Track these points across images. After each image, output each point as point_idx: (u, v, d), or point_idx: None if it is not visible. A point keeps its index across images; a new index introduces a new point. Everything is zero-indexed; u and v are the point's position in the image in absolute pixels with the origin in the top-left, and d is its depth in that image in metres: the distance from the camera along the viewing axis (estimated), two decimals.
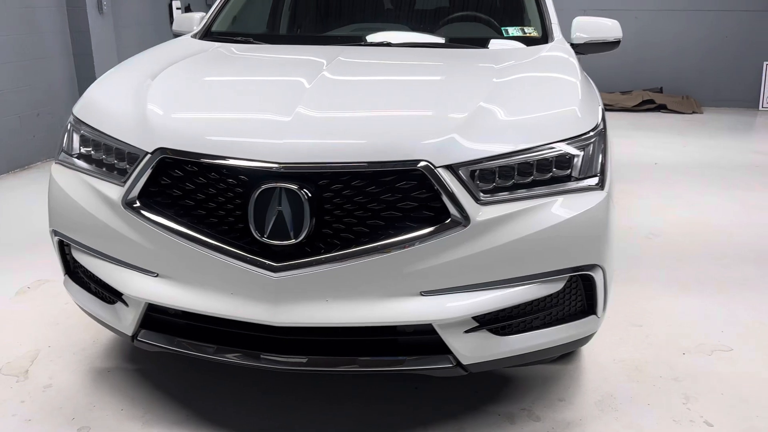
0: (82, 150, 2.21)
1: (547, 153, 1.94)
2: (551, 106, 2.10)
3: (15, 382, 2.47)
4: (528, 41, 2.85)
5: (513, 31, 2.91)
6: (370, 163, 1.83)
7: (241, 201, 1.87)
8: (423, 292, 1.87)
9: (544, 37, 2.88)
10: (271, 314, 1.86)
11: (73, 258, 2.28)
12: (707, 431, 2.23)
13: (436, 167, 1.83)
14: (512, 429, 2.22)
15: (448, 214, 1.83)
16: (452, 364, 1.93)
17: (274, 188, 1.81)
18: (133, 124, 2.08)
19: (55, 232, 2.27)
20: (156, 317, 2.05)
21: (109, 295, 2.16)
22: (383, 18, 3.38)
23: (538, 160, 1.93)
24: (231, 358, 1.98)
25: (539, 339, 2.01)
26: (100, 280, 2.15)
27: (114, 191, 2.04)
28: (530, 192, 1.91)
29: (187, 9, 8.27)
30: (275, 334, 1.93)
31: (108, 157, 2.12)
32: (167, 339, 2.05)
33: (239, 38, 2.98)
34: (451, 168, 1.84)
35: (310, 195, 1.81)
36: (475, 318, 1.90)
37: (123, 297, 2.08)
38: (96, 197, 2.08)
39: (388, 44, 2.86)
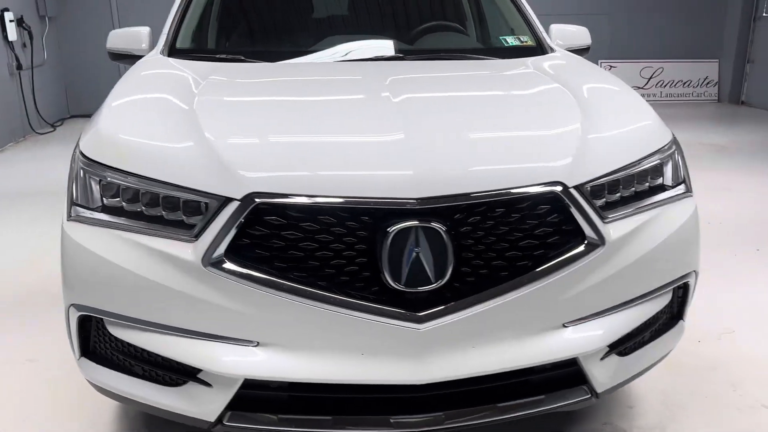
0: (108, 201, 1.78)
1: (647, 165, 1.91)
2: (635, 119, 2.07)
3: None
4: (529, 51, 2.81)
5: (512, 40, 2.85)
6: (509, 190, 1.67)
7: (366, 245, 1.60)
8: (566, 323, 1.74)
9: (540, 46, 2.85)
10: (415, 372, 1.63)
11: (104, 334, 1.83)
12: None
13: (569, 188, 1.71)
14: None
15: (582, 236, 1.72)
16: (588, 394, 1.82)
17: (410, 227, 1.58)
18: (198, 165, 1.71)
19: (76, 307, 1.80)
20: (248, 394, 1.70)
21: (173, 375, 1.76)
22: (349, 29, 3.16)
23: (639, 173, 1.89)
24: (354, 429, 1.70)
25: (652, 353, 1.98)
26: (161, 358, 1.75)
27: (181, 248, 1.66)
28: (640, 205, 1.87)
29: (20, 21, 7.33)
30: (405, 393, 1.69)
31: (150, 207, 1.73)
32: (266, 419, 1.71)
33: (224, 56, 2.62)
34: (580, 188, 1.74)
35: (452, 232, 1.60)
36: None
37: (200, 376, 1.70)
38: (151, 258, 1.68)
39: (402, 57, 2.67)
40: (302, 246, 1.62)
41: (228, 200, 1.64)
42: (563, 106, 2.06)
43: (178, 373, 1.76)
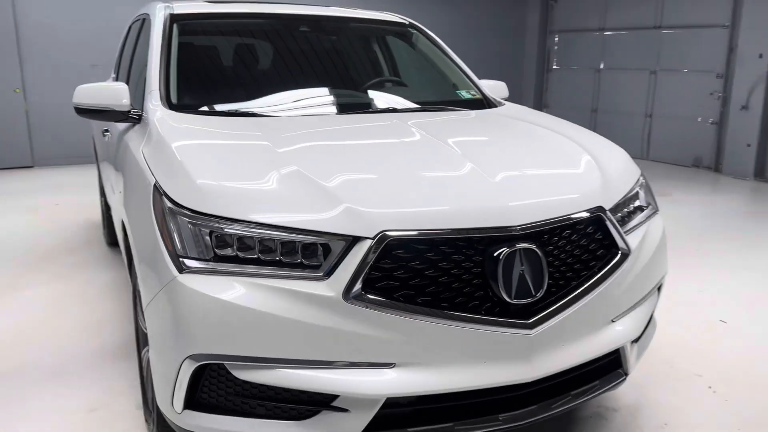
0: (222, 250, 1.88)
1: (635, 191, 2.45)
2: (617, 156, 2.59)
3: None
4: (480, 102, 3.30)
5: (465, 93, 3.32)
6: (573, 215, 2.08)
7: (480, 268, 1.91)
8: (613, 319, 2.19)
9: (486, 99, 3.35)
10: (527, 371, 1.95)
11: (224, 381, 1.90)
12: None
13: (606, 211, 2.17)
14: None
15: (617, 248, 2.18)
16: (623, 376, 2.27)
17: (515, 250, 1.92)
18: (322, 209, 1.89)
19: (194, 358, 1.86)
20: (382, 413, 1.89)
21: (303, 408, 1.89)
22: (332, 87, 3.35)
23: (631, 197, 2.42)
24: (471, 428, 1.96)
25: (647, 340, 2.49)
26: (290, 394, 1.87)
27: (314, 286, 1.83)
28: (636, 223, 2.38)
29: None
30: (513, 392, 2.00)
31: (267, 252, 1.87)
32: None
33: (237, 111, 2.76)
34: (611, 210, 2.21)
35: (545, 251, 1.97)
36: None
37: (335, 403, 1.86)
38: (283, 298, 1.82)
39: (394, 110, 2.99)
40: (426, 273, 1.87)
41: (356, 239, 1.84)
42: (568, 146, 2.54)
43: (309, 404, 1.88)
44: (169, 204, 1.97)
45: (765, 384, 2.97)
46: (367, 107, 3.08)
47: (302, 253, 1.86)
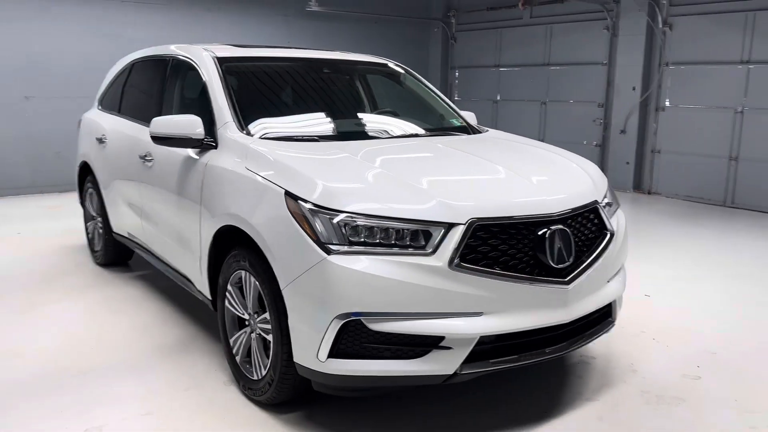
0: (355, 237, 2.58)
1: (607, 191, 3.40)
2: (592, 166, 3.54)
3: None
4: (465, 129, 4.17)
5: (455, 121, 4.19)
6: (584, 205, 2.98)
7: (533, 243, 2.74)
8: (608, 280, 3.10)
9: (470, 126, 4.24)
10: (565, 315, 2.79)
11: (361, 333, 2.58)
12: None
13: (599, 203, 3.10)
14: (655, 407, 3.54)
15: (606, 229, 3.10)
16: (612, 324, 3.18)
17: (555, 230, 2.77)
18: (423, 204, 2.63)
19: (341, 317, 2.53)
20: (474, 350, 2.65)
21: (418, 349, 2.61)
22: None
23: (606, 195, 3.36)
24: (529, 358, 2.77)
25: (622, 299, 3.43)
26: (410, 339, 2.59)
27: (426, 260, 2.57)
28: (611, 213, 3.33)
29: None
30: (551, 333, 2.83)
31: (387, 237, 2.59)
32: (484, 364, 2.68)
33: (301, 137, 3.42)
34: (601, 202, 3.13)
35: (571, 231, 2.85)
36: None
37: (442, 344, 2.60)
38: (405, 269, 2.55)
39: (416, 135, 3.79)
40: (499, 248, 2.67)
41: (452, 225, 2.61)
42: (559, 158, 3.46)
43: (423, 346, 2.60)
44: (308, 205, 2.63)
45: (689, 333, 4.02)
46: (392, 133, 3.83)
47: (410, 237, 2.60)
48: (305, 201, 2.65)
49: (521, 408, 3.07)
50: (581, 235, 2.92)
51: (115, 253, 5.24)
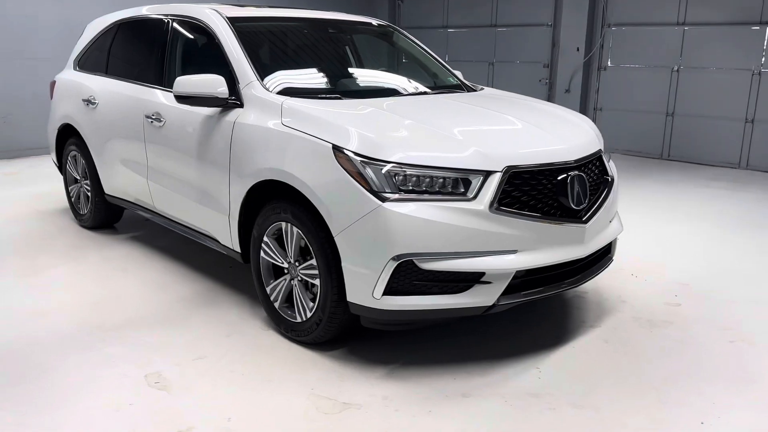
0: (404, 186, 2.85)
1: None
2: (587, 120, 3.89)
3: None
4: (463, 86, 4.46)
5: (451, 80, 4.46)
6: (593, 154, 3.35)
7: (555, 187, 3.08)
8: (610, 220, 3.50)
9: (465, 84, 4.53)
10: (583, 251, 3.16)
11: (413, 271, 2.87)
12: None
13: (602, 151, 3.48)
14: (649, 330, 3.98)
15: (608, 175, 3.49)
16: (611, 259, 3.60)
17: (574, 175, 3.13)
18: (467, 155, 2.92)
19: (396, 258, 2.81)
20: (509, 284, 2.99)
21: (462, 284, 2.93)
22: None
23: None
24: (552, 290, 3.15)
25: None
26: (456, 273, 2.89)
27: (468, 204, 2.87)
28: (606, 161, 3.72)
29: None
30: (568, 267, 3.21)
31: (431, 184, 2.87)
32: (517, 296, 3.03)
33: (328, 96, 3.61)
34: (602, 151, 3.52)
35: (586, 175, 3.21)
36: None
37: (483, 279, 2.93)
38: (451, 213, 2.84)
39: (424, 93, 4.03)
40: (528, 192, 3.00)
41: (489, 173, 2.91)
42: (561, 112, 3.80)
43: (466, 281, 2.92)
44: (358, 158, 2.87)
45: (660, 268, 4.52)
46: (403, 90, 4.05)
47: (452, 184, 2.89)
48: (355, 153, 2.88)
49: (537, 335, 3.46)
50: (590, 180, 3.28)
51: (104, 216, 5.27)
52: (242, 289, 4.05)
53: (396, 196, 2.81)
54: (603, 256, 3.53)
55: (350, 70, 4.26)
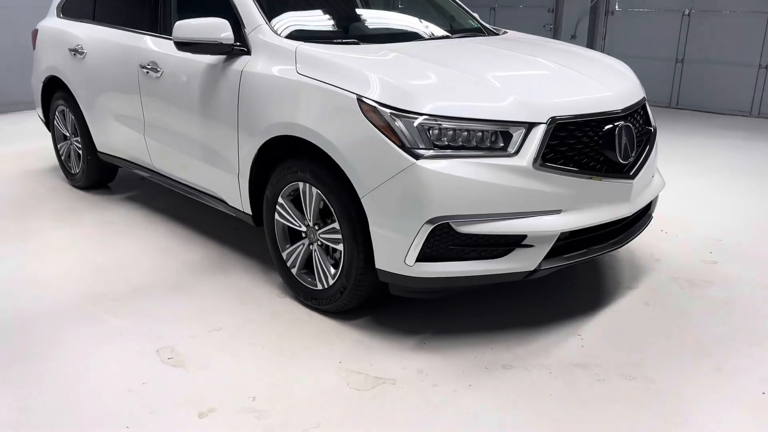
0: (439, 141, 2.57)
1: None
2: (626, 66, 3.57)
3: None
4: (487, 31, 4.12)
5: (472, 23, 4.12)
6: (638, 102, 3.07)
7: (602, 140, 2.81)
8: (653, 175, 3.24)
9: (486, 28, 4.19)
10: (629, 208, 2.91)
11: (449, 236, 2.61)
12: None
13: (645, 99, 3.20)
14: (689, 290, 3.76)
15: (651, 125, 3.22)
16: (651, 217, 3.35)
17: (621, 126, 2.85)
18: (507, 104, 2.63)
19: (431, 222, 2.55)
20: (552, 246, 2.75)
21: (502, 248, 2.68)
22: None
23: None
24: (596, 252, 2.90)
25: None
26: (496, 237, 2.64)
27: (510, 161, 2.60)
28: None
29: None
30: (613, 227, 2.97)
31: (468, 138, 2.59)
32: (559, 259, 2.79)
33: (340, 41, 3.27)
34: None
35: (633, 126, 2.94)
36: None
37: (525, 242, 2.68)
38: (491, 170, 2.57)
39: (446, 37, 3.70)
40: (575, 146, 2.73)
41: (532, 125, 2.63)
42: (599, 57, 3.49)
43: (506, 245, 2.67)
44: (387, 110, 2.57)
45: (690, 224, 4.29)
46: (424, 34, 3.71)
47: (491, 138, 2.60)
48: (383, 105, 2.58)
49: (573, 299, 3.24)
50: (638, 130, 3.01)
51: (97, 176, 4.96)
52: (252, 252, 3.79)
53: (430, 152, 2.53)
54: (643, 214, 3.28)
55: (365, 12, 3.91)
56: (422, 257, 2.62)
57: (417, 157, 2.52)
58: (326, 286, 3.00)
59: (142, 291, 3.34)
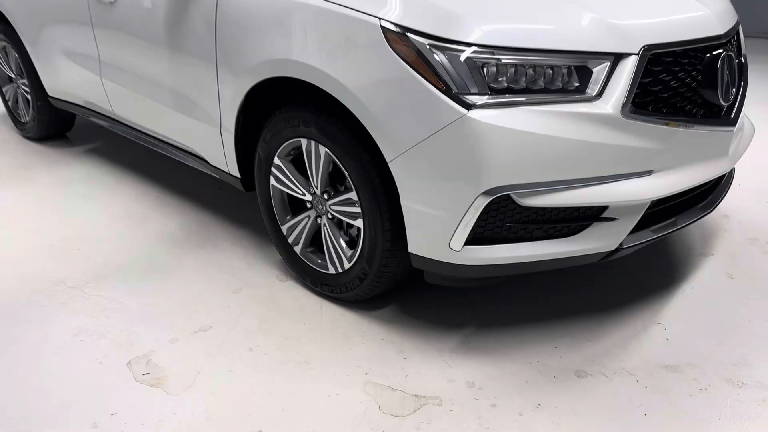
0: (496, 83, 1.88)
1: None
2: None
3: None
4: None
5: None
6: (736, 24, 2.39)
7: (700, 75, 2.13)
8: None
9: None
10: (727, 164, 2.28)
11: (509, 211, 1.97)
12: None
13: (739, 24, 2.50)
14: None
15: (741, 54, 2.52)
16: (734, 171, 2.69)
17: (723, 56, 2.15)
18: (586, 28, 1.93)
19: (489, 193, 1.89)
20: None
21: (575, 223, 2.04)
22: None
23: None
24: (685, 220, 2.28)
25: None
26: (569, 210, 2.01)
27: (592, 107, 1.92)
28: None
29: None
30: (702, 189, 2.33)
31: (535, 78, 1.91)
32: (644, 234, 2.16)
33: None
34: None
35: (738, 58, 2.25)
36: None
37: (605, 214, 2.04)
38: (570, 122, 1.90)
39: None
40: (671, 85, 2.05)
41: (619, 57, 1.94)
42: None
43: (581, 220, 2.03)
44: (424, 40, 1.86)
45: (759, 173, 3.64)
46: None
47: (565, 76, 1.92)
48: (417, 33, 1.87)
49: (643, 274, 2.65)
50: (735, 60, 2.33)
51: (51, 124, 4.21)
52: (242, 219, 3.13)
53: (485, 98, 1.84)
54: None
55: None
56: (472, 239, 1.97)
57: (468, 106, 1.83)
58: (341, 271, 2.37)
59: (109, 274, 2.69)
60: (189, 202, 3.34)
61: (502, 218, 1.97)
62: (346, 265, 2.34)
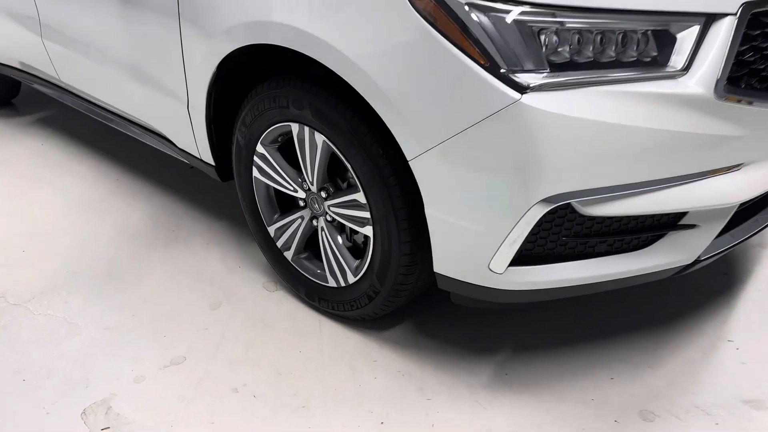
0: (560, 56, 1.41)
1: None
2: None
3: None
4: None
5: None
6: None
7: None
8: None
9: None
10: None
11: (570, 221, 1.53)
12: None
13: None
14: None
15: None
16: None
17: None
18: None
19: (549, 201, 1.44)
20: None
21: (646, 234, 1.61)
22: None
23: None
24: (765, 221, 1.86)
25: None
26: (641, 219, 1.58)
27: (675, 85, 1.46)
28: None
29: None
30: None
31: (603, 48, 1.44)
32: (725, 240, 1.74)
33: None
34: None
35: None
36: None
37: (683, 221, 1.61)
38: (648, 105, 1.44)
39: None
40: (765, 52, 1.59)
41: (712, 18, 1.47)
42: None
43: (655, 229, 1.60)
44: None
45: None
46: None
47: (642, 45, 1.45)
48: None
49: (700, 275, 2.21)
50: None
51: None
52: (218, 209, 2.66)
53: (543, 77, 1.36)
54: None
55: None
56: (518, 259, 1.53)
57: (521, 88, 1.35)
58: (343, 285, 1.92)
59: (60, 286, 2.22)
60: (154, 185, 2.84)
61: (558, 231, 1.53)
62: (351, 279, 1.90)
